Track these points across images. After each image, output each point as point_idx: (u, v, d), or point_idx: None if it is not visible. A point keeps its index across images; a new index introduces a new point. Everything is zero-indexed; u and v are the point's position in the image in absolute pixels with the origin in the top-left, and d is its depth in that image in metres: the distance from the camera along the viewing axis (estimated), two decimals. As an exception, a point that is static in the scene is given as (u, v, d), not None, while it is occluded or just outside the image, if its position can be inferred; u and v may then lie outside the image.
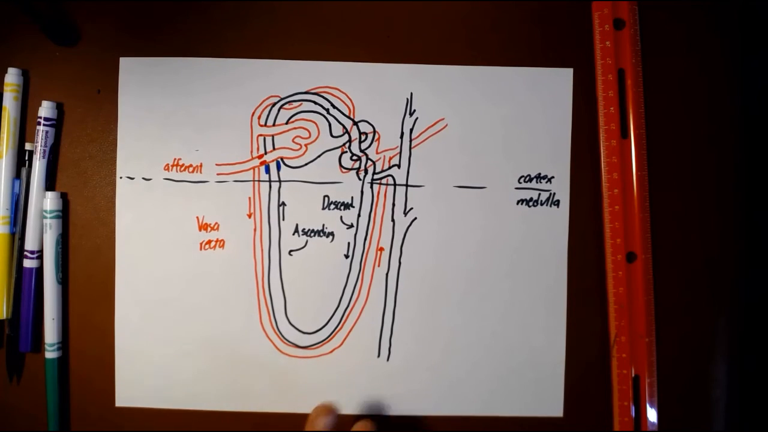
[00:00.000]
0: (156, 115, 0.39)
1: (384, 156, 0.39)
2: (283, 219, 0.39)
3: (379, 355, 0.39)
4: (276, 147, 0.39)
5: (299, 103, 0.39)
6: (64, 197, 0.39)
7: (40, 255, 0.38)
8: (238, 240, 0.39)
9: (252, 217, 0.39)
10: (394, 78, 0.39)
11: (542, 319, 0.39)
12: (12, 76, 0.38)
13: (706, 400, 0.39)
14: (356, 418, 0.38)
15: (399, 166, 0.39)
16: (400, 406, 0.39)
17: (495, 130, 0.39)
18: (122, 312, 0.39)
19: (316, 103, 0.39)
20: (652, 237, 0.39)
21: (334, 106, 0.39)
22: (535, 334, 0.39)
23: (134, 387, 0.39)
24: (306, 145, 0.39)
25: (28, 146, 0.39)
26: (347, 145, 0.39)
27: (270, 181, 0.39)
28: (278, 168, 0.39)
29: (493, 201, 0.39)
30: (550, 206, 0.39)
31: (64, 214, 0.39)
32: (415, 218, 0.39)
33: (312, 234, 0.39)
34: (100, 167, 0.39)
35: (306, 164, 0.39)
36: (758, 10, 0.40)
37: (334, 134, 0.39)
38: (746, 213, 0.39)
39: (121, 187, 0.39)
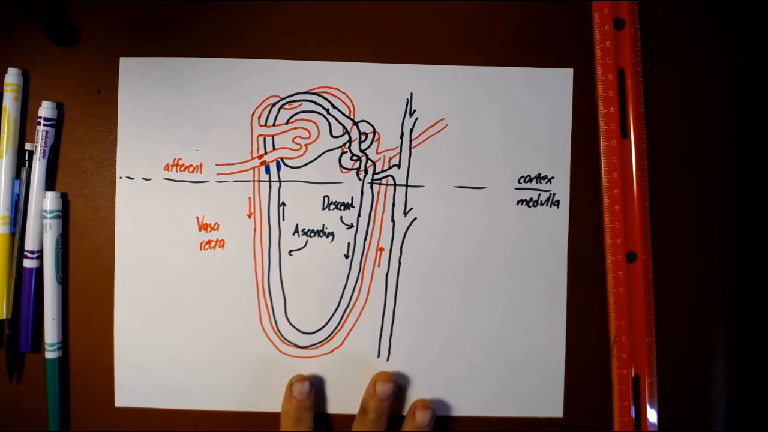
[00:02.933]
0: (156, 115, 0.39)
1: (384, 156, 0.39)
2: (283, 219, 0.39)
3: (379, 355, 0.39)
4: (276, 147, 0.39)
5: (299, 103, 0.39)
6: (64, 197, 0.39)
7: (40, 255, 0.38)
8: (238, 240, 0.39)
9: (252, 217, 0.39)
10: (394, 78, 0.39)
11: (542, 319, 0.39)
12: (12, 76, 0.38)
13: (706, 400, 0.39)
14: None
15: (399, 166, 0.39)
16: (400, 406, 0.39)
17: (495, 130, 0.39)
18: (122, 312, 0.39)
19: (316, 103, 0.39)
20: (652, 237, 0.39)
21: (334, 106, 0.39)
22: (535, 334, 0.39)
23: (134, 387, 0.39)
24: (306, 145, 0.39)
25: (28, 146, 0.39)
26: (347, 145, 0.39)
27: (270, 181, 0.39)
28: (278, 168, 0.39)
29: (493, 201, 0.39)
30: (550, 206, 0.39)
31: (64, 214, 0.39)
32: (415, 218, 0.39)
33: (312, 234, 0.39)
34: (100, 167, 0.39)
35: (306, 164, 0.39)
36: (759, 11, 0.40)
37: (334, 134, 0.39)
38: (746, 213, 0.39)
39: (121, 187, 0.39)
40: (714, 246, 0.39)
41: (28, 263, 0.38)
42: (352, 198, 0.39)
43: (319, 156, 0.39)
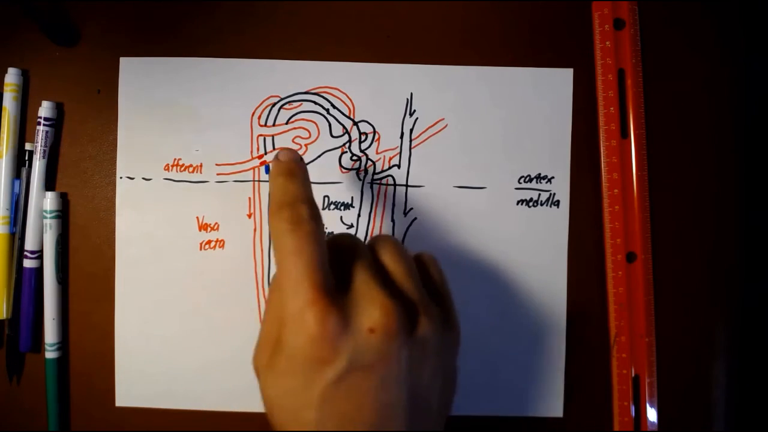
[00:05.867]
0: (156, 115, 0.39)
1: (384, 156, 0.39)
2: (283, 219, 0.39)
3: (379, 355, 0.39)
4: (276, 147, 0.39)
5: (299, 103, 0.39)
6: (64, 197, 0.39)
7: (40, 255, 0.38)
8: (238, 240, 0.39)
9: (252, 217, 0.39)
10: (394, 78, 0.39)
11: (542, 319, 0.39)
12: (12, 76, 0.38)
13: (706, 400, 0.39)
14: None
15: (399, 166, 0.39)
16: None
17: (495, 130, 0.39)
18: (122, 312, 0.39)
19: (316, 103, 0.39)
20: (652, 237, 0.39)
21: (334, 106, 0.39)
22: (534, 334, 0.39)
23: (134, 387, 0.39)
24: (306, 146, 0.39)
25: (28, 146, 0.39)
26: (347, 145, 0.39)
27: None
28: (278, 168, 0.39)
29: (493, 201, 0.39)
30: (550, 206, 0.39)
31: (64, 214, 0.39)
32: (415, 218, 0.39)
33: (312, 234, 0.39)
34: (100, 167, 0.39)
35: (306, 164, 0.39)
36: (760, 11, 0.40)
37: (334, 134, 0.39)
38: (746, 213, 0.39)
39: (121, 187, 0.39)
40: (714, 246, 0.39)
41: (28, 263, 0.38)
42: (352, 198, 0.39)
43: (319, 156, 0.39)
